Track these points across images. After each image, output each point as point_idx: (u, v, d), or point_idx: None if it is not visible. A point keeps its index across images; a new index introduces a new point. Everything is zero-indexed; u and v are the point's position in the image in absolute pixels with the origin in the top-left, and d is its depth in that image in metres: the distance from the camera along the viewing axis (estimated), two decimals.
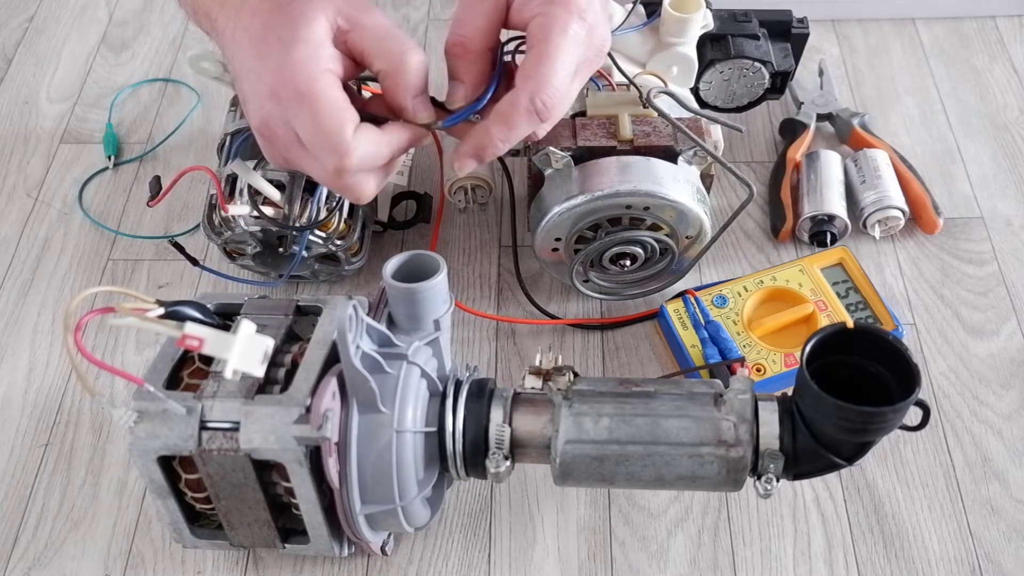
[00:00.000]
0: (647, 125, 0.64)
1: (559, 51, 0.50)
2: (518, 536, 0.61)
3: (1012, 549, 0.60)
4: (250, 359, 0.47)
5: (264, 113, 0.50)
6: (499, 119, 0.52)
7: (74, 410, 0.67)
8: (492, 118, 0.52)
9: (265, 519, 0.53)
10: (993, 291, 0.73)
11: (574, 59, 0.51)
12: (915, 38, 0.92)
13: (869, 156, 0.77)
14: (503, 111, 0.51)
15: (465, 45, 0.52)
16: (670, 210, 0.63)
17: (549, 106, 0.51)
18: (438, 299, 0.56)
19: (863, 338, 0.49)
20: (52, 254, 0.77)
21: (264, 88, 0.49)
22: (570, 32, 0.50)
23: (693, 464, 0.52)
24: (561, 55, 0.50)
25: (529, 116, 0.51)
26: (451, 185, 0.73)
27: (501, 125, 0.52)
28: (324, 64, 0.49)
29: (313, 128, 0.49)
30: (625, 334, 0.71)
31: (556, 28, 0.50)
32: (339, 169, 0.50)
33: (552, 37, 0.50)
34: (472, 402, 0.54)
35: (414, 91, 0.52)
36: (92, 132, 0.86)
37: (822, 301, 0.69)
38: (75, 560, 0.61)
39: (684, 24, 0.69)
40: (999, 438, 0.65)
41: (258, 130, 0.52)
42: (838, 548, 0.60)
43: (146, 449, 0.49)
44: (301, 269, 0.69)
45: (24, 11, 0.97)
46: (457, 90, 0.53)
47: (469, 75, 0.53)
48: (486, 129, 0.52)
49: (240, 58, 0.51)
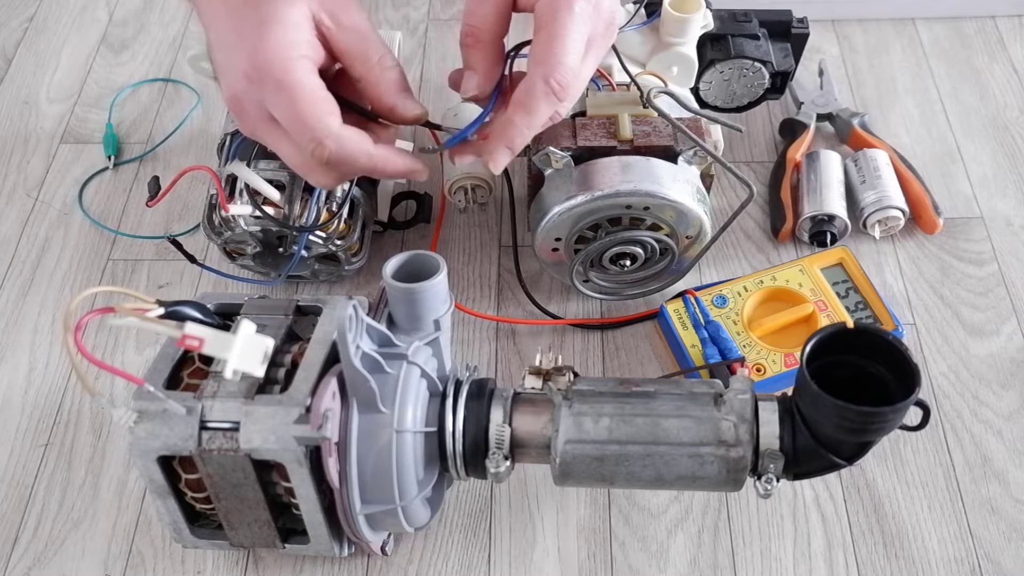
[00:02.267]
0: (647, 125, 0.64)
1: (567, 30, 0.51)
2: (518, 536, 0.61)
3: (1012, 549, 0.60)
4: (250, 359, 0.47)
5: (237, 90, 0.51)
6: (519, 107, 0.52)
7: (74, 410, 0.67)
8: (512, 107, 0.53)
9: (265, 519, 0.53)
10: (993, 291, 0.73)
11: (583, 36, 0.52)
12: (915, 38, 0.92)
13: (869, 156, 0.77)
14: (521, 98, 0.52)
15: (476, 35, 0.53)
16: (670, 210, 0.63)
17: (564, 85, 0.51)
18: (438, 299, 0.56)
19: (863, 338, 0.49)
20: (52, 254, 0.77)
21: (239, 66, 0.49)
22: (576, 9, 0.50)
23: (693, 464, 0.52)
24: (570, 33, 0.51)
25: (547, 98, 0.51)
26: (451, 185, 0.73)
27: (522, 112, 0.52)
28: (300, 50, 0.49)
29: (292, 115, 0.50)
30: (625, 334, 0.71)
31: (562, 7, 0.50)
32: (316, 155, 0.51)
33: (559, 16, 0.50)
34: (472, 402, 0.54)
35: (397, 88, 0.53)
36: (92, 132, 0.86)
37: (822, 301, 0.69)
38: (75, 560, 0.61)
39: (684, 24, 0.69)
40: (999, 438, 0.65)
41: (228, 103, 0.52)
42: (838, 548, 0.60)
43: (146, 449, 0.49)
44: (301, 269, 0.69)
45: (24, 11, 0.97)
46: (471, 79, 0.54)
47: (481, 64, 0.54)
48: (509, 120, 0.53)
49: (215, 28, 0.51)
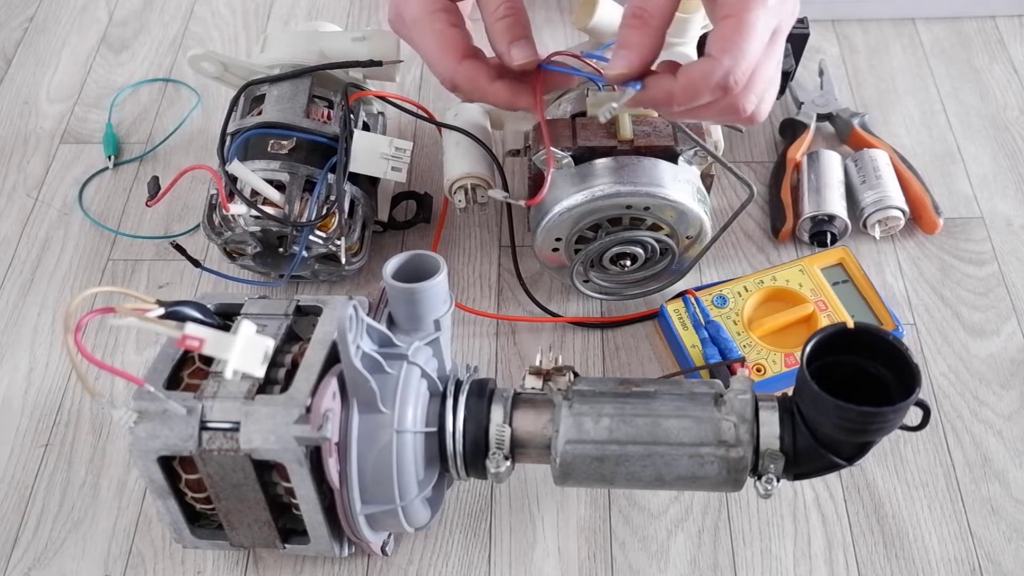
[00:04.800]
0: (647, 125, 0.64)
1: (755, 21, 0.47)
2: (518, 536, 0.61)
3: (1012, 549, 0.60)
4: (250, 359, 0.47)
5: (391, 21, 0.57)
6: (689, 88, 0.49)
7: (74, 410, 0.67)
8: (681, 83, 0.49)
9: (265, 519, 0.53)
10: (993, 291, 0.73)
11: (769, 29, 0.49)
12: (915, 38, 0.92)
13: (869, 156, 0.77)
14: (695, 81, 0.49)
15: (644, 18, 0.50)
16: (670, 210, 0.63)
17: (741, 83, 0.48)
18: (438, 299, 0.56)
19: (863, 338, 0.49)
20: (52, 254, 0.77)
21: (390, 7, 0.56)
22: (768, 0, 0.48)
23: (693, 464, 0.52)
24: (758, 25, 0.48)
25: (717, 92, 0.49)
26: (451, 185, 0.73)
27: (689, 93, 0.49)
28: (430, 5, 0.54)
29: (420, 53, 0.55)
30: (625, 334, 0.71)
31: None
32: (444, 84, 0.55)
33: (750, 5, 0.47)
34: (472, 402, 0.54)
35: (505, 37, 0.53)
36: (92, 132, 0.86)
37: (822, 301, 0.69)
38: (75, 560, 0.61)
39: (684, 24, 0.69)
40: (999, 438, 0.65)
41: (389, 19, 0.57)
42: (838, 548, 0.60)
43: (146, 449, 0.49)
44: (301, 269, 0.69)
45: (24, 11, 0.97)
46: (620, 58, 0.50)
47: (639, 48, 0.50)
48: (670, 91, 0.50)
49: None
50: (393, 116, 0.82)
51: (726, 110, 0.51)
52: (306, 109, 0.67)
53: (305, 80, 0.69)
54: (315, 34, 0.72)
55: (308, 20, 0.95)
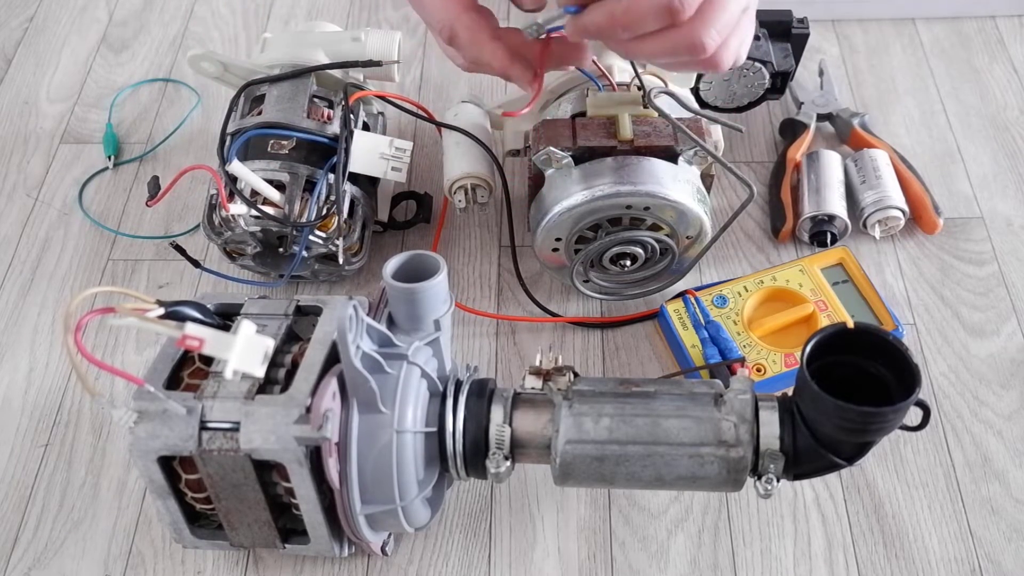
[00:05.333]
0: (647, 125, 0.64)
1: None
2: (518, 536, 0.61)
3: (1012, 549, 0.60)
4: (250, 359, 0.47)
5: None
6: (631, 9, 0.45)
7: (74, 410, 0.67)
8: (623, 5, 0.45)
9: (265, 519, 0.53)
10: (993, 291, 0.73)
11: None
12: (915, 38, 0.92)
13: (869, 156, 0.77)
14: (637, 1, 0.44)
15: None
16: (670, 210, 0.63)
17: (688, 7, 0.44)
18: (438, 299, 0.56)
19: (863, 338, 0.49)
20: (52, 254, 0.77)
21: None
22: None
23: (693, 464, 0.52)
24: None
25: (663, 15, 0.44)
26: (451, 185, 0.73)
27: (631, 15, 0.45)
28: None
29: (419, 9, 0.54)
30: (625, 334, 0.71)
31: None
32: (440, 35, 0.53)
33: None
34: (472, 402, 0.54)
35: None
36: (92, 132, 0.86)
37: (822, 301, 0.69)
38: (75, 560, 0.61)
39: None
40: (999, 438, 0.65)
41: None
42: (838, 548, 0.60)
43: (146, 449, 0.49)
44: (301, 269, 0.69)
45: (24, 11, 0.97)
46: None
47: None
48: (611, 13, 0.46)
49: None
50: (393, 116, 0.82)
51: (681, 45, 0.47)
52: (306, 109, 0.67)
53: (305, 80, 0.69)
54: (315, 34, 0.72)
55: (308, 20, 0.95)
